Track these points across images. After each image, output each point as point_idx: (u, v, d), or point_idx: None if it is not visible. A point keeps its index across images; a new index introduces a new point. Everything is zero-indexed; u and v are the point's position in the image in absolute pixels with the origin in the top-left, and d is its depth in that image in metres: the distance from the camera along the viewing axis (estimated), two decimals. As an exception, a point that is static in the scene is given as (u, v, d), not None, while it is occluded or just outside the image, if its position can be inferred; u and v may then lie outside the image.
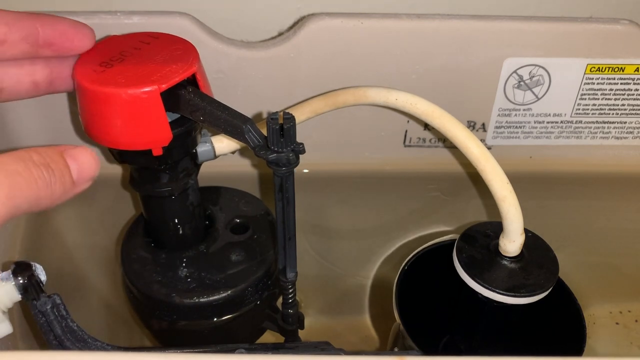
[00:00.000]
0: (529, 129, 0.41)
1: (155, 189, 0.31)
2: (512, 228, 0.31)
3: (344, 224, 0.46)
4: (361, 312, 0.53)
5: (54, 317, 0.27)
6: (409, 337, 0.35)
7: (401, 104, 0.33)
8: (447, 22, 0.36)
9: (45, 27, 0.27)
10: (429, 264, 0.38)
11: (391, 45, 0.36)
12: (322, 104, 0.35)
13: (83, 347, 0.28)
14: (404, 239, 0.48)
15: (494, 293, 0.31)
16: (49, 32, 0.27)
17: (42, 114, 0.38)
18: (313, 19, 0.36)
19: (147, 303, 0.33)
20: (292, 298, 0.32)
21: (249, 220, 0.36)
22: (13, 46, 0.26)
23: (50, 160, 0.23)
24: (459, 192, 0.44)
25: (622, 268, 0.50)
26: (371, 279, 0.50)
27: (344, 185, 0.43)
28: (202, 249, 0.34)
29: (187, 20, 0.35)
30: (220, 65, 0.37)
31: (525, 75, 0.38)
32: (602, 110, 0.40)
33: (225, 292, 0.32)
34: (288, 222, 0.28)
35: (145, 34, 0.30)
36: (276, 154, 0.25)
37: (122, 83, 0.26)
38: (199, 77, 0.28)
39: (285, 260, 0.30)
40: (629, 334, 0.51)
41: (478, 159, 0.31)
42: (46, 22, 0.27)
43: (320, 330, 0.51)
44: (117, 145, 0.27)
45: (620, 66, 0.38)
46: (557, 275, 0.32)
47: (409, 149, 0.42)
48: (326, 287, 0.51)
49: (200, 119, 0.27)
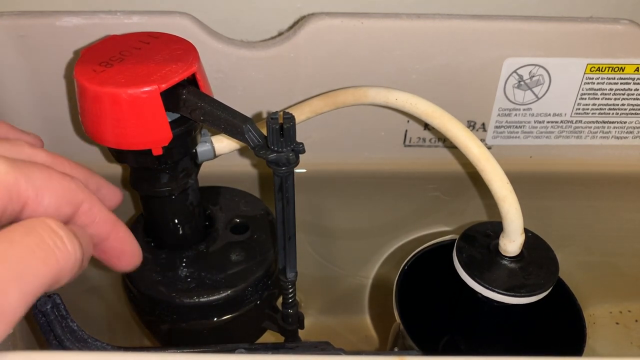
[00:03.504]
0: (529, 128, 0.41)
1: (155, 189, 0.31)
2: (512, 228, 0.31)
3: (344, 224, 0.46)
4: (361, 312, 0.52)
5: (54, 317, 0.27)
6: (409, 337, 0.34)
7: (401, 104, 0.33)
8: (447, 22, 0.36)
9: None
10: (429, 264, 0.38)
11: (391, 45, 0.36)
12: (322, 104, 0.35)
13: (83, 347, 0.28)
14: (404, 239, 0.48)
15: (494, 293, 0.31)
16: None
17: (42, 114, 0.38)
18: (313, 19, 0.36)
19: (147, 303, 0.33)
20: (292, 298, 0.32)
21: (248, 220, 0.35)
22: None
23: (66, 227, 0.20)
24: (459, 192, 0.44)
25: (622, 268, 0.49)
26: (371, 279, 0.50)
27: (344, 185, 0.43)
28: (202, 248, 0.34)
29: (187, 20, 0.35)
30: (220, 65, 0.37)
31: (525, 75, 0.38)
32: (602, 110, 0.40)
33: (225, 292, 0.32)
34: (288, 222, 0.28)
35: (145, 34, 0.30)
36: (276, 153, 0.25)
37: (122, 83, 0.26)
38: (198, 77, 0.28)
39: (285, 260, 0.30)
40: (629, 334, 0.51)
41: (478, 159, 0.31)
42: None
43: (320, 330, 0.51)
44: (117, 145, 0.27)
45: (620, 66, 0.38)
46: (557, 275, 0.32)
47: (409, 149, 0.41)
48: (326, 287, 0.51)
49: (200, 119, 0.27)
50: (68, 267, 0.19)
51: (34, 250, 0.18)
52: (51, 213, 0.21)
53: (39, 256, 0.18)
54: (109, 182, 0.29)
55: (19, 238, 0.18)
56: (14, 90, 0.37)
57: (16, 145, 0.25)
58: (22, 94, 0.37)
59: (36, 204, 0.21)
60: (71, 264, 0.19)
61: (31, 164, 0.21)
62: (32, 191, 0.21)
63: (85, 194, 0.23)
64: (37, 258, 0.18)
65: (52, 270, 0.18)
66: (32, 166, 0.21)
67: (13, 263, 0.17)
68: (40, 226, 0.19)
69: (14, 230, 0.18)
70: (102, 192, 0.29)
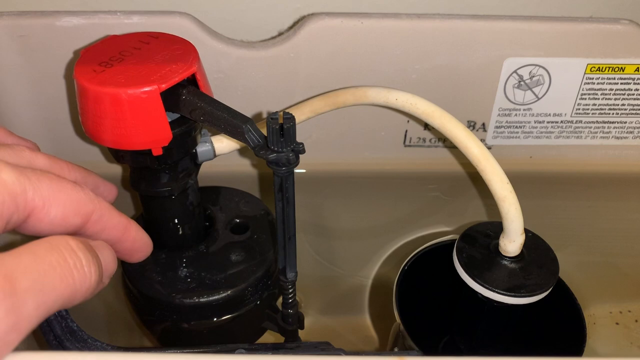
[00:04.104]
0: (529, 128, 0.41)
1: (155, 189, 0.31)
2: (512, 228, 0.31)
3: (344, 224, 0.46)
4: (361, 312, 0.52)
5: (53, 317, 0.27)
6: (409, 337, 0.34)
7: (401, 104, 0.33)
8: (447, 22, 0.36)
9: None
10: (429, 264, 0.38)
11: (391, 45, 0.36)
12: (322, 104, 0.35)
13: (83, 347, 0.28)
14: (404, 239, 0.48)
15: (494, 293, 0.31)
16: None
17: (42, 114, 0.38)
18: (313, 19, 0.36)
19: (147, 303, 0.33)
20: (292, 298, 0.32)
21: (248, 220, 0.35)
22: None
23: (86, 244, 0.20)
24: (459, 192, 0.44)
25: (622, 268, 0.49)
26: (371, 279, 0.50)
27: (344, 185, 0.43)
28: (202, 249, 0.34)
29: (187, 20, 0.35)
30: (220, 65, 0.37)
31: (526, 75, 0.38)
32: (602, 110, 0.40)
33: (225, 292, 0.32)
34: (288, 222, 0.28)
35: (145, 34, 0.30)
36: (276, 153, 0.25)
37: (122, 83, 0.26)
38: (198, 77, 0.28)
39: (285, 260, 0.30)
40: (629, 334, 0.51)
41: (478, 159, 0.31)
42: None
43: (320, 330, 0.51)
44: (117, 145, 0.27)
45: (621, 66, 0.38)
46: (557, 275, 0.32)
47: (409, 149, 0.41)
48: (326, 287, 0.51)
49: (200, 119, 0.27)
50: (83, 289, 0.20)
51: (55, 267, 0.18)
52: (58, 223, 0.22)
53: (59, 273, 0.18)
54: (104, 180, 0.30)
55: (43, 253, 0.18)
56: (13, 91, 0.37)
57: (16, 150, 0.25)
58: (22, 94, 0.37)
59: (42, 214, 0.21)
60: (87, 286, 0.20)
61: (41, 174, 0.21)
62: (40, 201, 0.21)
63: (95, 204, 0.23)
64: (57, 275, 0.18)
65: (69, 289, 0.19)
66: (42, 176, 0.21)
67: (35, 275, 0.18)
68: (63, 245, 0.19)
69: (37, 245, 0.19)
70: (100, 190, 0.29)
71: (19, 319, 0.17)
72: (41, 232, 0.22)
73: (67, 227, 0.22)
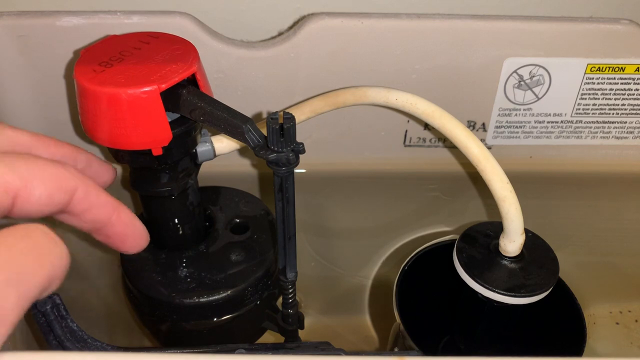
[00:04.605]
0: (529, 128, 0.41)
1: (155, 189, 0.30)
2: (512, 228, 0.31)
3: (344, 224, 0.46)
4: (361, 312, 0.52)
5: (53, 317, 0.27)
6: (409, 337, 0.34)
7: (401, 104, 0.33)
8: (447, 22, 0.36)
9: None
10: (429, 264, 0.38)
11: (391, 45, 0.36)
12: (322, 103, 0.35)
13: (83, 348, 0.28)
14: (404, 239, 0.48)
15: (494, 293, 0.31)
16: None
17: (42, 114, 0.38)
18: (313, 19, 0.36)
19: (147, 303, 0.33)
20: (292, 298, 0.32)
21: (248, 220, 0.35)
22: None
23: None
24: (459, 192, 0.44)
25: (622, 268, 0.49)
26: (371, 279, 0.50)
27: (344, 185, 0.43)
28: (202, 249, 0.34)
29: (187, 20, 0.35)
30: (220, 65, 0.37)
31: (526, 75, 0.38)
32: (603, 110, 0.40)
33: (225, 292, 0.32)
34: (288, 222, 0.28)
35: (145, 34, 0.30)
36: (276, 153, 0.25)
37: (122, 83, 0.26)
38: (198, 77, 0.28)
39: (285, 260, 0.30)
40: (629, 334, 0.51)
41: (478, 158, 0.31)
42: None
43: (320, 330, 0.51)
44: (117, 145, 0.27)
45: (621, 66, 0.38)
46: (557, 275, 0.32)
47: (409, 149, 0.41)
48: (326, 287, 0.51)
49: (200, 119, 0.27)
50: (60, 271, 0.19)
51: (29, 254, 0.18)
52: (45, 202, 0.21)
53: (35, 259, 0.18)
54: (99, 159, 0.28)
55: (14, 241, 0.18)
56: (13, 90, 0.37)
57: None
58: (22, 94, 0.37)
59: (27, 195, 0.20)
60: (63, 267, 0.19)
61: (14, 155, 0.21)
62: (20, 182, 0.20)
63: (78, 180, 0.23)
64: (33, 261, 0.18)
65: (47, 273, 0.18)
66: (15, 156, 0.21)
67: (11, 266, 0.17)
68: (34, 230, 0.19)
69: (7, 234, 0.18)
70: (93, 169, 0.28)
71: (2, 314, 0.17)
72: (30, 213, 0.21)
73: (54, 205, 0.21)
